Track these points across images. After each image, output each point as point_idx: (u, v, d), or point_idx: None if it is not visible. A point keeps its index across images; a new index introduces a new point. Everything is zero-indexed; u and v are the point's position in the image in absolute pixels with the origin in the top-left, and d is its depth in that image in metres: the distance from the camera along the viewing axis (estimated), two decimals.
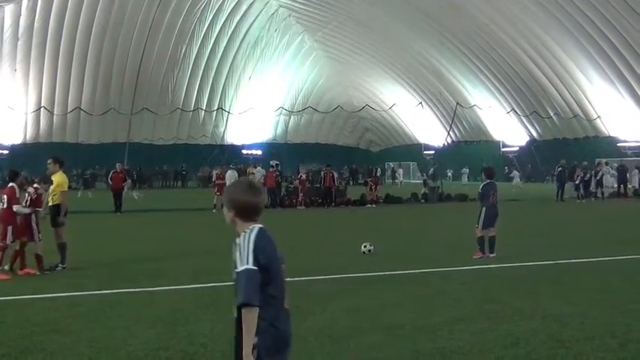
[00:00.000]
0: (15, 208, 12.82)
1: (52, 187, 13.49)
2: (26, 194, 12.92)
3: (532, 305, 9.85)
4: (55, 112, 67.11)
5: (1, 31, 62.67)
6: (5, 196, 12.83)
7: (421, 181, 50.52)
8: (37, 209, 13.04)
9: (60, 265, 13.44)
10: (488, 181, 15.47)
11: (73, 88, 67.12)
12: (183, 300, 10.65)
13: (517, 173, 54.37)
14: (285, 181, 39.45)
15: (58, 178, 14.01)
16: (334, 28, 66.13)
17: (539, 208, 33.85)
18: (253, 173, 33.13)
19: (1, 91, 64.55)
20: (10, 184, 13.11)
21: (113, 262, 14.69)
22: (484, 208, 14.98)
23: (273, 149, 72.06)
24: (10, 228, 12.77)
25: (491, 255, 14.65)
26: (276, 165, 38.31)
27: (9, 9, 61.38)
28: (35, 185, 13.12)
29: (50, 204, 13.68)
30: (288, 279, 11.84)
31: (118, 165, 31.04)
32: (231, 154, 66.57)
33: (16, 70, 65.14)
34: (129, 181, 33.37)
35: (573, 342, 7.83)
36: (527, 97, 60.45)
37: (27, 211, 12.86)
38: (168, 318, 9.33)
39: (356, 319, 9.16)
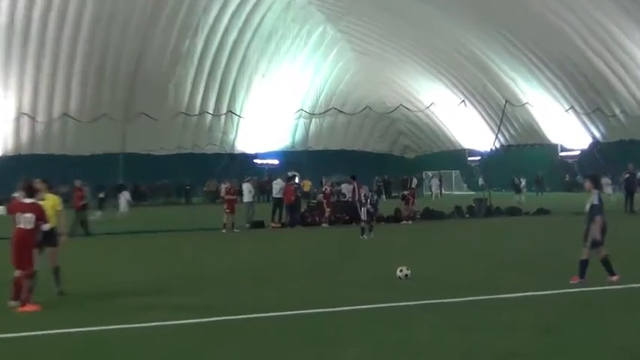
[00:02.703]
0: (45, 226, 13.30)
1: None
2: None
3: (600, 337, 9.64)
4: (38, 120, 67.53)
5: None
6: (32, 215, 13.00)
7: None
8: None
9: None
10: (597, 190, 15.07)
11: (60, 92, 67.49)
12: (184, 336, 10.58)
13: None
14: (305, 195, 39.31)
15: (51, 199, 14.52)
16: (361, 15, 66.12)
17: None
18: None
19: None
20: (31, 200, 13.30)
21: (101, 294, 14.65)
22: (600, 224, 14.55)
23: (292, 158, 71.98)
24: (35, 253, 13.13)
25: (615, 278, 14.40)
26: (293, 177, 38.20)
27: None
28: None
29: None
30: (308, 311, 11.58)
31: (76, 182, 30.95)
32: (242, 165, 66.63)
33: None
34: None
35: None
36: (589, 92, 60.03)
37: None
38: (166, 358, 9.28)
39: (391, 355, 9.08)
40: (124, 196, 47.17)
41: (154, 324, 11.34)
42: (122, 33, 66.11)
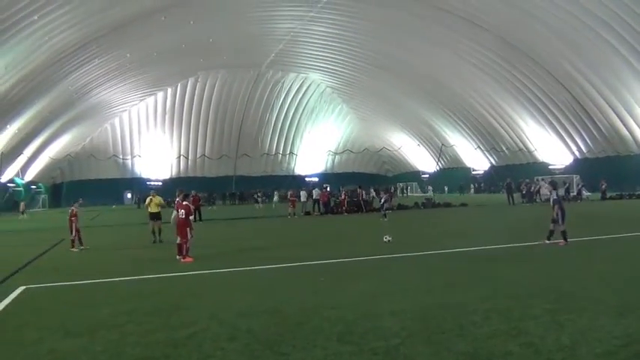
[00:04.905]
0: (191, 217, 13.06)
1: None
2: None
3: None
4: (189, 158, 68.38)
5: (155, 108, 64.50)
6: (183, 210, 12.83)
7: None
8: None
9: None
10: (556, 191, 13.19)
11: (200, 142, 68.43)
12: (276, 274, 10.45)
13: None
14: (333, 197, 39.17)
15: (156, 198, 17.39)
16: (362, 99, 66.10)
17: (498, 210, 32.72)
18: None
19: (158, 144, 66.52)
20: (185, 202, 13.09)
21: (229, 251, 14.44)
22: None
23: (325, 177, 71.93)
24: (188, 230, 12.76)
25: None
26: (326, 187, 37.96)
27: (160, 95, 63.09)
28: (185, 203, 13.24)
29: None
30: (334, 260, 11.16)
31: (192, 191, 28.22)
32: (298, 181, 66.79)
33: (165, 132, 66.78)
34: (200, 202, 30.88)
35: None
36: (487, 136, 59.34)
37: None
38: (263, 287, 9.14)
39: (378, 286, 8.88)
40: (276, 194, 48.18)
41: (259, 267, 11.17)
42: (233, 109, 66.75)
